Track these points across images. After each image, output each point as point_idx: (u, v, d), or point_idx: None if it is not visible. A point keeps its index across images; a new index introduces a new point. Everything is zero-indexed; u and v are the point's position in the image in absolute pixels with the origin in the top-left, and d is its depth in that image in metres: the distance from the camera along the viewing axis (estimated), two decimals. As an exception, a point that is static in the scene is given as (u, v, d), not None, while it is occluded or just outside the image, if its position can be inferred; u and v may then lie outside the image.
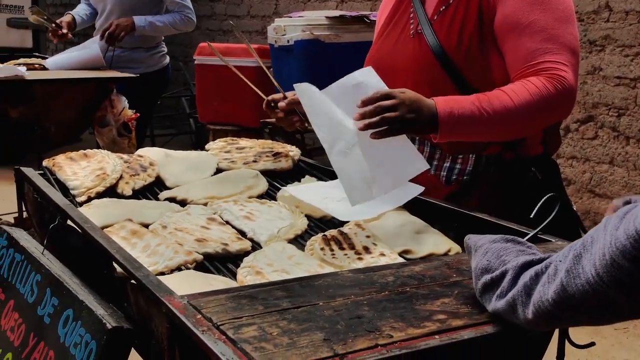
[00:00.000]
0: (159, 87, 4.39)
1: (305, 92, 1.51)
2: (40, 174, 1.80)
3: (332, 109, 1.46)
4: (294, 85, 1.52)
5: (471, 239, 1.14)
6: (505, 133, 1.57)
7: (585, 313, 0.87)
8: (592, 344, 1.26)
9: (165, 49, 4.33)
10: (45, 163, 1.91)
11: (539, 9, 1.55)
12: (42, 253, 1.45)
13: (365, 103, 1.41)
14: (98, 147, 3.35)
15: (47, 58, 4.17)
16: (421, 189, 1.65)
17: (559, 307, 0.88)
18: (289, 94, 1.74)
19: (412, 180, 1.65)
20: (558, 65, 1.51)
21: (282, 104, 1.72)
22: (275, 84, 1.81)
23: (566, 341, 1.25)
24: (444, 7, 1.66)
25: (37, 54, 5.12)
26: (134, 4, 3.97)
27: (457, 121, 1.48)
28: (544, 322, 0.92)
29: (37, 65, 3.89)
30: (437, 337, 0.92)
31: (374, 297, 1.04)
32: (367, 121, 1.40)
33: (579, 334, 1.24)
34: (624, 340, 3.20)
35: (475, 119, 1.49)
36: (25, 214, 1.84)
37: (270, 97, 1.80)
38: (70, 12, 4.21)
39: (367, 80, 1.50)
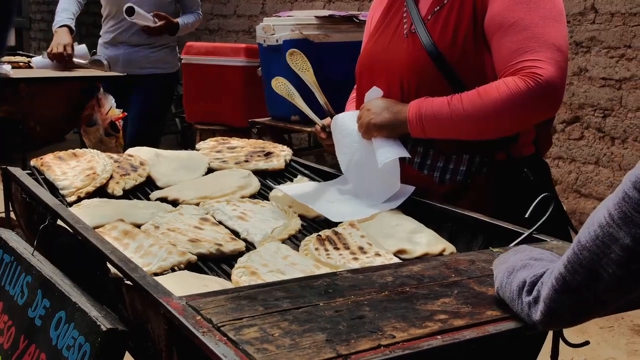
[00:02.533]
0: (176, 86, 4.43)
1: (338, 123, 1.78)
2: (27, 174, 1.77)
3: (351, 140, 1.73)
4: (334, 117, 1.80)
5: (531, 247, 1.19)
6: (474, 132, 1.58)
7: (594, 267, 0.86)
8: (586, 343, 1.27)
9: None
10: (33, 162, 1.88)
11: (525, 7, 1.55)
12: (32, 254, 1.43)
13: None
14: (83, 146, 3.31)
15: (31, 56, 4.13)
16: (412, 189, 1.65)
17: (572, 267, 0.88)
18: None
19: (404, 180, 1.66)
20: (535, 63, 1.51)
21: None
22: (325, 107, 1.83)
23: (560, 340, 1.25)
24: (438, 8, 1.66)
25: (20, 52, 5.07)
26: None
27: (425, 118, 1.59)
28: (558, 297, 0.90)
29: (22, 64, 3.85)
30: (439, 337, 0.92)
31: (374, 298, 1.04)
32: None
33: (567, 333, 1.24)
34: (609, 339, 3.23)
35: (442, 117, 1.57)
36: (12, 214, 1.81)
37: (324, 122, 1.86)
38: (64, 23, 3.92)
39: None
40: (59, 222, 1.42)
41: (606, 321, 3.29)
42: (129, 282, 1.11)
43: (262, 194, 1.81)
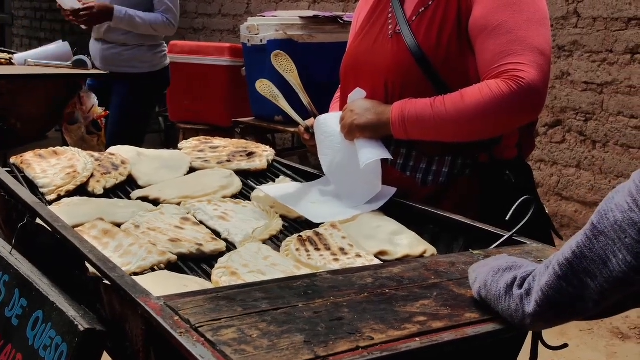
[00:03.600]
0: (162, 87, 4.32)
1: (321, 124, 1.78)
2: (7, 171, 1.76)
3: (334, 141, 1.74)
4: (317, 118, 1.80)
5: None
6: (457, 134, 1.59)
7: (606, 253, 0.86)
8: (565, 345, 1.27)
9: (166, 49, 4.27)
10: (12, 160, 1.86)
11: (509, 10, 1.55)
12: (10, 253, 1.41)
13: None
14: (64, 144, 3.29)
15: (13, 53, 4.09)
16: (393, 190, 1.66)
17: (581, 252, 0.88)
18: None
19: (386, 181, 1.66)
20: (518, 67, 1.51)
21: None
22: (309, 107, 1.83)
23: (540, 343, 1.26)
24: (423, 9, 1.66)
25: (2, 48, 5.02)
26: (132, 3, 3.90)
27: (408, 120, 1.59)
28: (559, 283, 0.90)
29: (3, 60, 3.82)
30: (417, 339, 0.92)
31: (354, 299, 1.04)
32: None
33: (546, 336, 1.25)
34: (588, 341, 3.25)
35: (424, 119, 1.57)
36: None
37: (307, 123, 1.87)
38: None
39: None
40: (38, 220, 1.41)
41: (586, 324, 3.32)
42: (107, 282, 1.10)
43: (244, 194, 1.81)
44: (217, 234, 1.53)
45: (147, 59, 3.99)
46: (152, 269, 1.33)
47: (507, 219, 1.40)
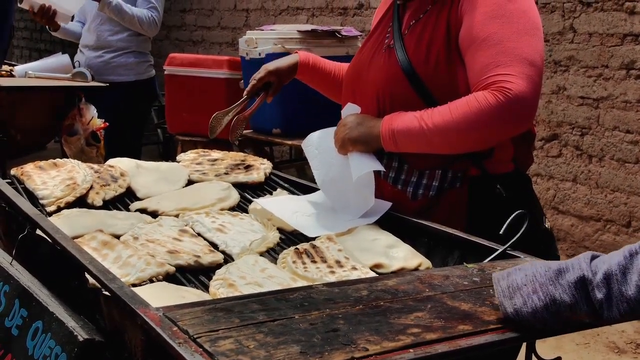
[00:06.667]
0: (149, 97, 4.30)
1: (314, 139, 1.83)
2: (7, 183, 1.77)
3: (328, 156, 1.77)
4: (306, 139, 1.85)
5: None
6: (446, 146, 1.58)
7: None
8: (559, 358, 1.29)
9: (152, 61, 4.26)
10: (13, 172, 1.88)
11: (498, 22, 1.55)
12: (10, 263, 1.43)
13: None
14: (64, 156, 3.31)
15: (14, 65, 4.12)
16: (388, 204, 1.67)
17: None
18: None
19: (378, 195, 1.68)
20: (506, 77, 1.50)
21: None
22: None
23: (533, 355, 1.27)
24: (414, 21, 1.67)
25: (6, 61, 5.04)
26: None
27: (397, 133, 1.60)
28: None
29: (3, 72, 3.84)
30: (411, 350, 0.94)
31: (349, 311, 1.05)
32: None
33: (542, 349, 1.26)
34: (585, 355, 3.26)
35: (413, 132, 1.58)
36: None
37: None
38: None
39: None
40: (38, 231, 1.43)
41: (582, 338, 3.33)
42: (106, 293, 1.12)
43: (241, 207, 1.83)
44: (214, 246, 1.55)
45: (132, 67, 3.99)
46: (151, 280, 1.34)
47: (500, 232, 1.41)
